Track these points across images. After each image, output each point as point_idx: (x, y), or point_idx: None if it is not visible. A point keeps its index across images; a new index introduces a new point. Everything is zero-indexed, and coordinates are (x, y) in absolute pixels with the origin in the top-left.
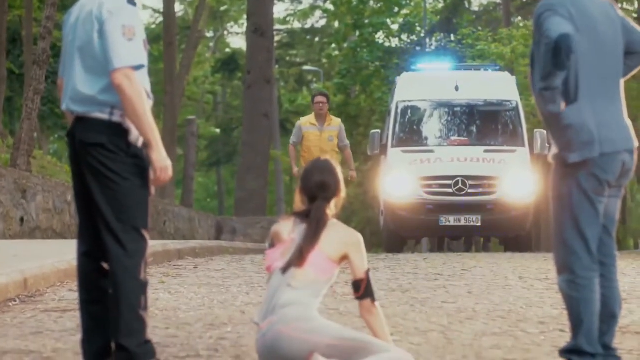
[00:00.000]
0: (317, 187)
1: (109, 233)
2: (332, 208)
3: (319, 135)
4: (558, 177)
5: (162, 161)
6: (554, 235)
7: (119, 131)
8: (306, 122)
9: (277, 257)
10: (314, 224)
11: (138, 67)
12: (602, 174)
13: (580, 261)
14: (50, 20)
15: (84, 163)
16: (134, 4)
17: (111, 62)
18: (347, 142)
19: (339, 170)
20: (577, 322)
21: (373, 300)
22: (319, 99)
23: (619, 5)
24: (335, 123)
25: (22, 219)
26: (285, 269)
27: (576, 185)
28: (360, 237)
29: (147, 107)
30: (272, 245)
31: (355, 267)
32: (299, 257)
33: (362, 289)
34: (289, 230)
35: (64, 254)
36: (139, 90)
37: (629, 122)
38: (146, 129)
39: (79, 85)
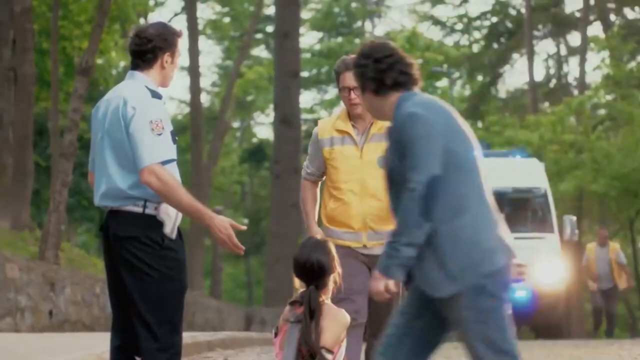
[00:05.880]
0: (308, 272)
1: (142, 326)
2: (329, 286)
3: (358, 156)
4: None
5: (218, 223)
6: None
7: (153, 224)
8: (328, 128)
9: (278, 350)
10: (308, 318)
11: (167, 162)
12: None
13: None
14: (77, 113)
15: (118, 256)
16: (159, 97)
17: (139, 160)
18: None
19: (331, 248)
20: None
21: None
22: (348, 79)
23: None
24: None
25: (50, 312)
26: None
27: None
28: (338, 320)
29: (181, 193)
30: (276, 334)
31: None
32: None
33: None
34: (285, 316)
35: (93, 347)
36: (168, 182)
37: None
38: (188, 212)
39: (110, 181)
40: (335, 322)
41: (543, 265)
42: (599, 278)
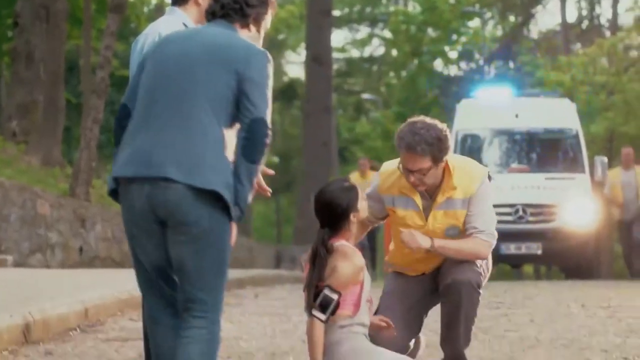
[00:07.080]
0: (324, 212)
1: None
2: (351, 229)
3: (422, 225)
4: None
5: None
6: None
7: None
8: (389, 184)
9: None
10: (314, 264)
11: None
12: None
13: None
14: (109, 50)
15: None
16: None
17: None
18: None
19: (357, 191)
20: None
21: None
22: (411, 160)
23: None
24: (464, 187)
25: (81, 249)
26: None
27: None
28: (348, 260)
29: None
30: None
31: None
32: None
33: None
34: (305, 258)
35: (123, 283)
36: None
37: None
38: None
39: None
40: (344, 262)
41: (573, 205)
42: (624, 207)
